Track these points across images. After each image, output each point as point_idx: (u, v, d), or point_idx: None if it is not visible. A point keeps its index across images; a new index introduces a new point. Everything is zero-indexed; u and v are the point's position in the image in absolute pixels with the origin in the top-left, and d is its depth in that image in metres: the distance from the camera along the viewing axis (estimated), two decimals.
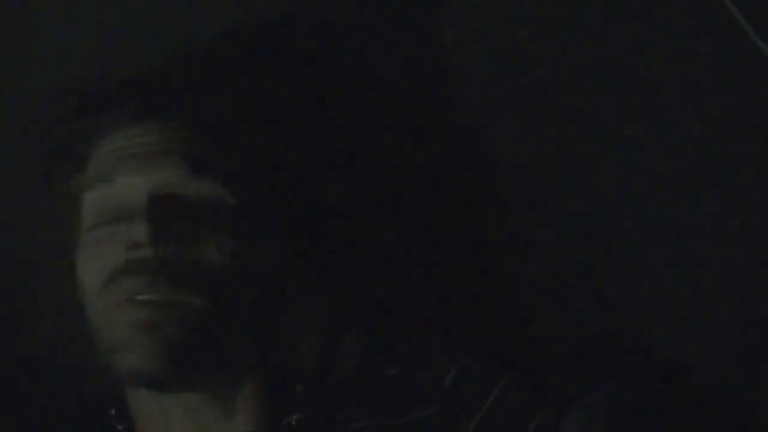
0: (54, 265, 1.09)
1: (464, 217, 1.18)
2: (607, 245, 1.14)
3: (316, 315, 1.06)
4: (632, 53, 1.14)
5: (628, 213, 1.14)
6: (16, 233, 1.20)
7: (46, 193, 1.16)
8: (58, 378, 1.07)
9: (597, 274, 1.14)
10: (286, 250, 1.07)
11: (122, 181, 1.02)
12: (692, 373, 1.09)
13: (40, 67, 1.20)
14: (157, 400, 1.03)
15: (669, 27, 1.13)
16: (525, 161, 1.17)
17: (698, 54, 1.11)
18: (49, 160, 1.08)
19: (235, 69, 1.14)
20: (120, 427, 1.06)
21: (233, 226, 1.02)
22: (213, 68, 1.11)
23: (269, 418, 1.04)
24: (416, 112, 1.20)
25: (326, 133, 1.15)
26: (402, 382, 1.04)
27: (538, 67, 1.18)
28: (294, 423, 1.03)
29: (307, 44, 1.20)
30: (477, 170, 1.18)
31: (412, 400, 1.02)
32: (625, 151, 1.15)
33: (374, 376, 1.05)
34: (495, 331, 1.14)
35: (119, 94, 1.06)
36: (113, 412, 1.06)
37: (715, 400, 1.08)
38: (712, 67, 1.11)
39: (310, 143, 1.11)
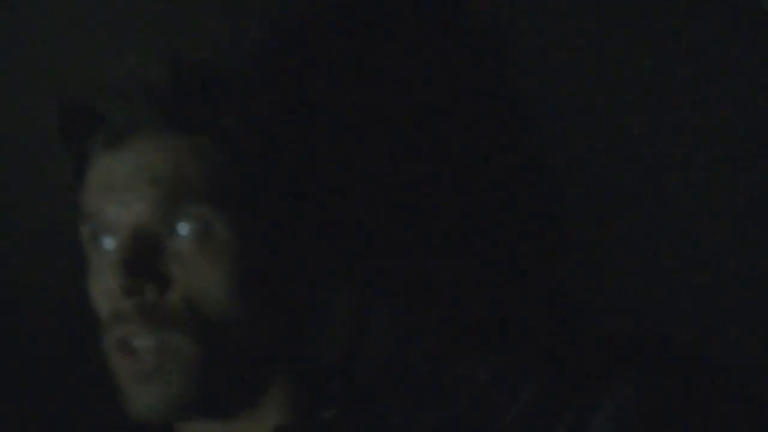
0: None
1: (494, 214, 1.16)
2: (634, 237, 1.14)
3: (345, 309, 1.04)
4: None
5: (652, 207, 1.14)
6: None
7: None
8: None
9: (623, 267, 1.14)
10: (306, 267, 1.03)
11: (106, 215, 0.95)
12: (718, 365, 1.10)
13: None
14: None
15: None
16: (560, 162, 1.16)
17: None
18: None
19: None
20: None
21: (221, 263, 0.95)
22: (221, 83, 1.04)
23: (301, 414, 1.00)
24: None
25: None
26: (434, 380, 1.02)
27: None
28: (328, 417, 1.00)
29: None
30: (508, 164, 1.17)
31: (444, 397, 1.01)
32: (645, 147, 1.14)
33: (405, 373, 1.03)
34: (526, 329, 1.14)
35: (108, 106, 0.97)
36: None
37: (742, 392, 1.08)
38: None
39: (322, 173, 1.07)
